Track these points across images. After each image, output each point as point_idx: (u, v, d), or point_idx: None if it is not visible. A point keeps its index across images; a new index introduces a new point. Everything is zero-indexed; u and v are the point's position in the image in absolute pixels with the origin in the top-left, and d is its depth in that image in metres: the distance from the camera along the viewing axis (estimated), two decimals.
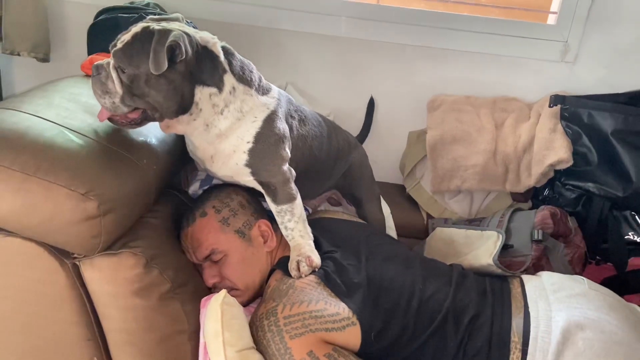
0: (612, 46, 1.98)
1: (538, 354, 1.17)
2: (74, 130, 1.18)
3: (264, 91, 1.34)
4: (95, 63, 1.24)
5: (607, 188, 1.71)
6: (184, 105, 1.23)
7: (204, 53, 1.23)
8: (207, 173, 1.48)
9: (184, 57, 1.18)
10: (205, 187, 1.51)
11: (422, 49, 2.05)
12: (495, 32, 2.01)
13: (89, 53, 1.73)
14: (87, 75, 1.55)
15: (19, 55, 1.96)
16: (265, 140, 1.29)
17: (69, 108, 1.27)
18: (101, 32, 1.70)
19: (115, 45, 1.23)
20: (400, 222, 1.82)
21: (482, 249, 1.50)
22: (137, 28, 1.21)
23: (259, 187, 1.34)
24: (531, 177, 1.79)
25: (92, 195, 1.06)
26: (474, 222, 1.79)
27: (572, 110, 1.76)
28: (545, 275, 1.40)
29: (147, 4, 1.88)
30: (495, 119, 1.88)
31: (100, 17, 1.73)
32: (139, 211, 1.22)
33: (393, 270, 1.33)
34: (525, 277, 1.42)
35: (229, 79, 1.27)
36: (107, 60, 1.24)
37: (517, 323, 1.22)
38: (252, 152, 1.28)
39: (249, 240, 1.35)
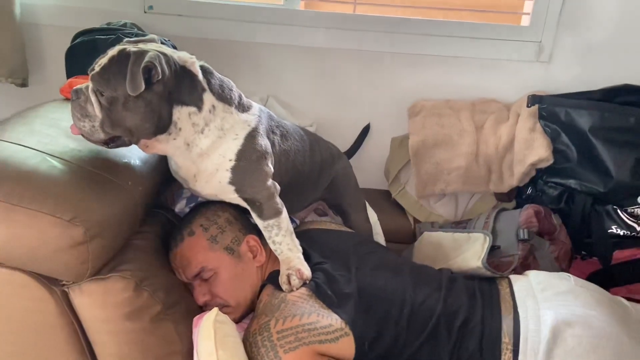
0: (584, 45, 2.02)
1: (529, 353, 1.18)
2: (56, 156, 1.17)
3: (244, 108, 1.35)
4: (75, 87, 1.24)
5: (588, 184, 1.73)
6: (162, 125, 1.23)
7: (182, 73, 1.24)
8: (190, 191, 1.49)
9: (160, 77, 1.19)
10: (192, 205, 1.51)
11: (399, 55, 2.07)
12: (470, 36, 2.04)
13: (68, 76, 1.73)
14: (67, 99, 1.55)
15: None
16: (248, 157, 1.30)
17: (50, 134, 1.27)
18: (79, 55, 1.69)
19: (93, 69, 1.23)
20: (387, 227, 1.83)
21: (470, 252, 1.52)
22: (113, 51, 1.22)
23: (244, 204, 1.35)
24: (514, 176, 1.82)
25: (77, 221, 1.05)
26: (461, 224, 1.81)
27: (549, 109, 1.79)
28: (532, 274, 1.42)
29: (124, 24, 1.88)
30: (476, 121, 1.90)
31: (77, 40, 1.72)
32: (126, 233, 1.22)
33: (383, 279, 1.34)
34: (513, 277, 1.44)
35: (208, 98, 1.27)
36: (86, 84, 1.24)
37: (507, 324, 1.24)
38: (235, 170, 1.29)
39: (238, 256, 1.35)
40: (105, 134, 1.21)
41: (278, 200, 1.35)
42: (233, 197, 1.33)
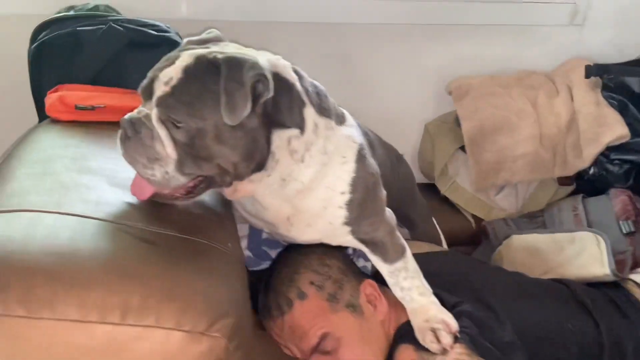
0: (619, 6, 1.86)
1: None
2: (125, 223, 0.77)
3: (341, 119, 1.01)
4: (128, 117, 0.83)
5: None
6: (262, 160, 0.88)
7: (277, 83, 0.86)
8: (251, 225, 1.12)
9: (270, 94, 0.82)
10: (264, 248, 1.15)
11: (421, 27, 1.79)
12: (499, 0, 1.80)
13: (37, 85, 1.25)
14: (59, 121, 1.10)
15: None
16: (364, 185, 0.97)
17: (89, 184, 0.85)
18: (57, 55, 1.22)
19: (151, 88, 0.82)
20: (442, 229, 1.58)
21: (584, 257, 1.32)
22: (186, 59, 0.84)
23: (359, 246, 1.02)
24: (582, 158, 1.63)
25: (215, 330, 0.67)
26: (535, 218, 1.60)
27: (617, 80, 1.61)
28: None
29: (96, 7, 1.40)
30: (529, 98, 1.68)
31: (45, 35, 1.24)
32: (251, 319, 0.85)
33: (531, 312, 1.11)
34: (635, 277, 1.27)
35: (309, 114, 0.92)
36: (142, 110, 0.83)
37: None
38: (350, 205, 0.96)
39: (361, 313, 1.03)
40: (187, 176, 0.83)
41: (399, 234, 1.04)
42: (346, 240, 1.01)
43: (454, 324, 1.01)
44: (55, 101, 1.12)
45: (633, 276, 1.29)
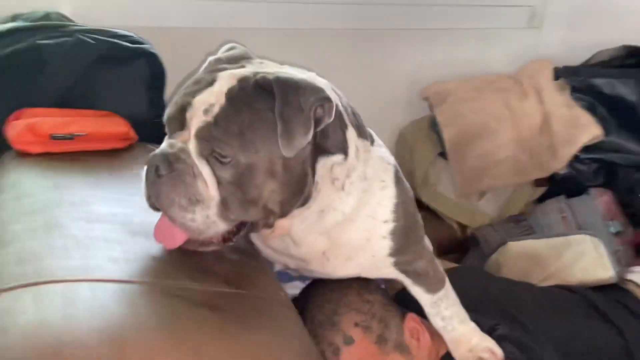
0: (575, 7, 1.91)
1: None
2: (167, 284, 0.63)
3: (371, 138, 0.91)
4: (161, 152, 0.69)
5: (634, 156, 1.64)
6: (310, 193, 0.77)
7: None
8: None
9: (330, 120, 0.72)
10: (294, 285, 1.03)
11: (391, 32, 1.75)
12: (461, 4, 1.79)
13: None
14: (27, 154, 0.93)
15: None
16: (405, 210, 0.89)
17: (108, 237, 0.70)
18: (15, 73, 1.03)
19: (182, 117, 0.70)
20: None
21: (585, 260, 1.33)
22: (226, 82, 0.72)
23: (401, 278, 0.94)
24: (558, 159, 1.64)
25: None
26: (520, 222, 1.60)
27: (586, 81, 1.64)
28: None
29: (47, 16, 1.21)
30: (502, 101, 1.68)
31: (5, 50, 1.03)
32: None
33: (563, 327, 1.08)
34: (632, 277, 1.29)
35: (351, 137, 0.82)
36: (174, 143, 0.70)
37: None
38: (394, 235, 0.87)
39: (408, 352, 0.94)
40: (227, 223, 0.70)
41: (437, 261, 0.97)
42: (387, 272, 0.92)
43: (499, 351, 0.96)
44: (23, 130, 0.94)
45: (631, 276, 1.30)
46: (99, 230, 0.71)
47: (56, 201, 0.75)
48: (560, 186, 1.69)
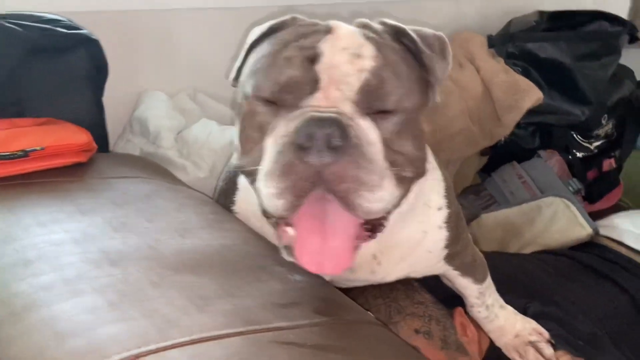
0: None
1: None
2: (263, 330, 0.48)
3: None
4: (326, 116, 0.54)
5: (567, 116, 1.69)
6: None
7: None
8: None
9: None
10: None
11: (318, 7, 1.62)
12: None
13: None
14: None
15: None
16: (453, 194, 0.80)
17: (150, 279, 0.51)
18: None
19: (313, 74, 0.58)
20: None
21: (560, 222, 1.35)
22: (347, 27, 0.64)
23: (446, 272, 0.84)
24: (504, 125, 1.65)
25: None
26: (480, 193, 1.59)
27: (520, 46, 1.66)
28: (618, 220, 1.34)
29: None
30: None
31: None
32: None
33: (584, 296, 1.06)
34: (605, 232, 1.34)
35: None
36: (331, 110, 0.56)
37: None
38: (449, 223, 0.79)
39: (465, 352, 0.85)
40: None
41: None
42: (437, 268, 0.83)
43: (544, 331, 0.91)
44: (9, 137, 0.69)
45: (603, 231, 1.33)
46: (141, 275, 0.52)
47: (58, 242, 0.54)
48: (500, 152, 1.72)
